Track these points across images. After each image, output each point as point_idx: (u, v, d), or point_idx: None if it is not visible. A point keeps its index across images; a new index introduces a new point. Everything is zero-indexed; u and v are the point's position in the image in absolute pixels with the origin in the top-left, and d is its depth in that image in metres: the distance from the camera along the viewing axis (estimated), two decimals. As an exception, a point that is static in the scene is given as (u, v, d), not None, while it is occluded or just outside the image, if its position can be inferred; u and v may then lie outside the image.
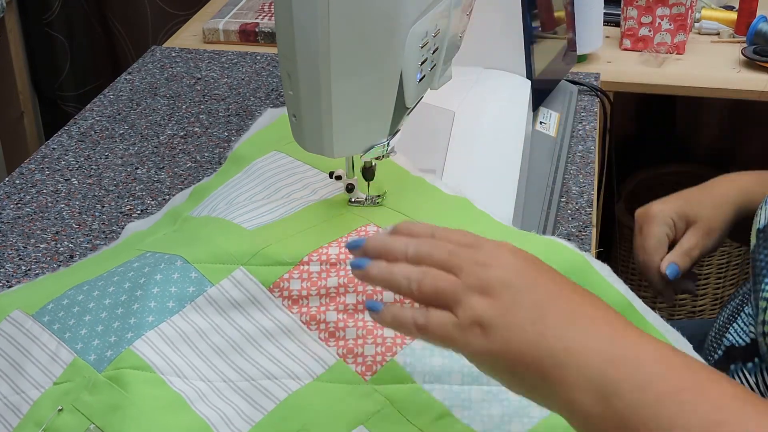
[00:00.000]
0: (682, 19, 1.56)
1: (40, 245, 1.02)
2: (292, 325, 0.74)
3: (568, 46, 1.31)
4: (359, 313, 0.75)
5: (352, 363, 0.73)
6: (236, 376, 0.73)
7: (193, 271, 0.76)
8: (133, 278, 0.77)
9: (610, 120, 1.41)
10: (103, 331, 0.73)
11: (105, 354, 0.72)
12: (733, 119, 2.16)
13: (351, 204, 0.83)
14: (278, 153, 0.92)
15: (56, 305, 0.77)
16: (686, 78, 1.52)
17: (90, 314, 0.75)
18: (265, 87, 1.40)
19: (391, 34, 0.71)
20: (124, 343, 0.72)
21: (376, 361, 0.73)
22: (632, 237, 1.04)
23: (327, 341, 0.74)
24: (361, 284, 0.75)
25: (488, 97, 1.04)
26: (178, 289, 0.75)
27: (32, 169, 1.17)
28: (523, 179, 1.01)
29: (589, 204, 1.09)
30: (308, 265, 0.76)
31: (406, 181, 0.86)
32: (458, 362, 0.73)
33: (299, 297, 0.75)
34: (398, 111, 0.77)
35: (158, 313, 0.74)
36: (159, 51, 1.55)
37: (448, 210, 0.83)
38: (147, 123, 1.29)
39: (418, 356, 0.73)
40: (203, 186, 0.94)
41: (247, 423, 0.70)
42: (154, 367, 0.71)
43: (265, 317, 0.75)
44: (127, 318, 0.74)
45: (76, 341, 0.73)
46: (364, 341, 0.74)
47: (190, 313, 0.74)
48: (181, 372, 0.72)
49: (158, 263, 0.78)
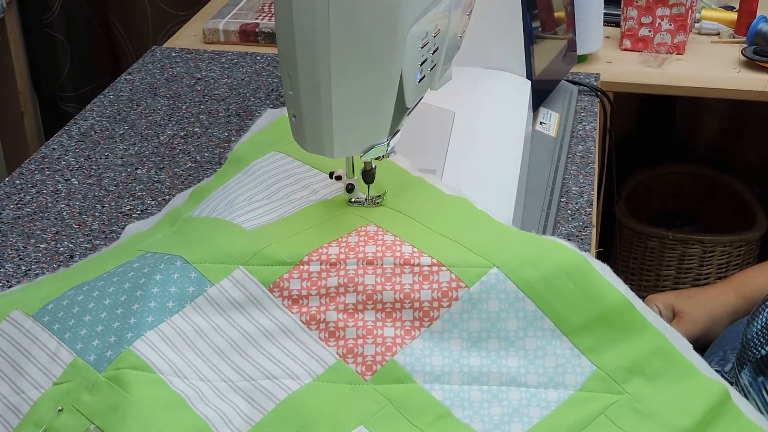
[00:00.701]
0: (682, 19, 1.56)
1: (40, 245, 1.02)
2: (292, 325, 0.74)
3: (568, 47, 1.31)
4: (359, 312, 0.75)
5: (352, 363, 0.73)
6: (236, 376, 0.73)
7: (192, 271, 0.76)
8: (132, 278, 0.77)
9: (610, 120, 1.41)
10: (102, 331, 0.73)
11: (105, 354, 0.72)
12: (733, 119, 2.16)
13: (351, 204, 0.83)
14: (277, 153, 0.92)
15: (56, 305, 0.77)
16: (686, 78, 1.52)
17: (90, 314, 0.75)
18: (265, 87, 1.40)
19: (391, 34, 0.71)
20: (123, 343, 0.72)
21: (376, 360, 0.73)
22: (632, 237, 1.06)
23: (327, 341, 0.74)
24: (362, 284, 0.75)
25: (488, 97, 1.04)
26: (177, 289, 0.75)
27: (32, 169, 1.18)
28: (523, 179, 1.01)
29: (589, 204, 1.09)
30: (308, 265, 0.76)
31: (405, 181, 0.86)
32: (458, 362, 0.73)
33: (299, 297, 0.75)
34: (398, 111, 0.77)
35: (158, 313, 0.74)
36: (159, 51, 1.55)
37: (447, 210, 0.83)
38: (147, 123, 1.29)
39: (417, 356, 0.73)
40: (203, 187, 0.94)
41: (246, 423, 0.70)
42: (154, 367, 0.71)
43: (264, 317, 0.75)
44: (127, 318, 0.74)
45: (76, 341, 0.73)
46: (364, 341, 0.74)
47: (190, 313, 0.74)
48: (181, 372, 0.72)
49: (158, 263, 0.78)
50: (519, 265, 0.75)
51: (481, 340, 0.74)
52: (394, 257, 0.76)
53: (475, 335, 0.74)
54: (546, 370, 0.73)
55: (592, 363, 0.74)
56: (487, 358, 0.74)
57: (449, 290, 0.75)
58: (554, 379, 0.73)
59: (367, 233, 0.79)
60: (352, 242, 0.78)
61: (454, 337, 0.74)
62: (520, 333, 0.74)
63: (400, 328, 0.74)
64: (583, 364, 0.74)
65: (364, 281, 0.75)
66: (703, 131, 2.21)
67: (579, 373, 0.73)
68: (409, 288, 0.75)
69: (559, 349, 0.74)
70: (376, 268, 0.76)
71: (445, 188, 0.85)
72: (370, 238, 0.78)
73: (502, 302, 0.75)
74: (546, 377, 0.73)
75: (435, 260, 0.76)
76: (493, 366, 0.74)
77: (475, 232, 0.80)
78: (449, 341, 0.74)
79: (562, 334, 0.74)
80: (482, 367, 0.73)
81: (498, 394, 0.72)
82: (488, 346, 0.74)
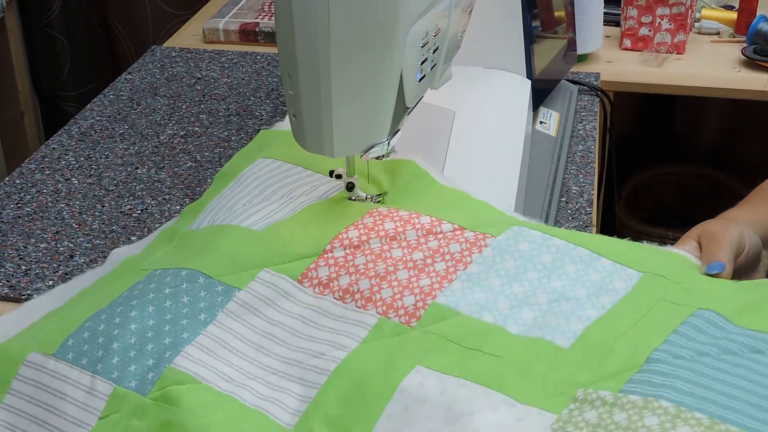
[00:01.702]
0: (682, 18, 1.56)
1: (40, 245, 1.02)
2: (326, 305, 0.73)
3: (568, 46, 1.31)
4: (392, 274, 0.73)
5: (394, 317, 0.71)
6: (284, 366, 0.71)
7: (218, 284, 0.75)
8: (155, 301, 0.75)
9: (610, 120, 1.41)
10: (137, 356, 0.71)
11: (146, 377, 0.70)
12: (733, 119, 2.16)
13: (351, 203, 0.83)
14: (265, 159, 0.92)
15: (77, 340, 0.74)
16: (686, 78, 1.52)
17: (117, 342, 0.72)
18: (265, 87, 1.40)
19: (391, 33, 0.71)
20: (164, 363, 0.70)
21: (418, 307, 0.71)
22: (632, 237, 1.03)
23: (365, 306, 0.72)
24: (390, 253, 0.74)
25: (488, 97, 1.04)
26: (206, 303, 0.74)
27: (32, 169, 1.17)
28: (523, 179, 1.01)
29: (589, 204, 1.09)
30: (332, 252, 0.76)
31: (407, 178, 0.86)
32: (502, 293, 0.72)
33: (329, 280, 0.74)
34: (398, 111, 0.77)
35: (192, 327, 0.72)
36: (159, 51, 1.55)
37: (449, 198, 0.83)
38: (147, 123, 1.29)
39: (458, 294, 0.72)
40: (193, 205, 0.94)
41: (302, 402, 0.68)
42: (199, 378, 0.69)
43: (297, 306, 0.74)
44: (161, 339, 0.72)
45: (110, 371, 0.71)
46: (401, 295, 0.72)
47: (224, 319, 0.73)
48: (228, 376, 0.70)
49: (178, 282, 0.76)
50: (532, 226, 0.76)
51: (519, 274, 0.73)
52: (416, 229, 0.76)
53: (513, 272, 0.73)
54: (592, 283, 0.72)
55: (638, 270, 0.72)
56: (529, 286, 0.72)
57: (476, 241, 0.75)
58: (604, 287, 0.71)
59: (380, 213, 0.78)
60: (369, 223, 0.77)
61: (491, 276, 0.73)
62: (557, 263, 0.73)
63: (436, 276, 0.73)
64: (629, 273, 0.72)
65: (391, 255, 0.75)
66: (703, 131, 2.21)
67: (627, 279, 0.72)
68: (437, 246, 0.74)
69: (600, 267, 0.73)
70: (401, 242, 0.75)
71: (444, 181, 0.86)
72: (386, 216, 0.78)
73: (531, 243, 0.75)
74: (594, 287, 0.71)
75: (456, 225, 0.76)
76: (538, 289, 0.72)
77: (483, 208, 0.81)
78: (487, 280, 0.73)
79: (599, 256, 0.74)
80: (527, 292, 0.72)
81: (549, 309, 0.70)
82: (528, 277, 0.73)
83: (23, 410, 0.72)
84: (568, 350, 0.66)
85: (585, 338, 0.67)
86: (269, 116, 1.31)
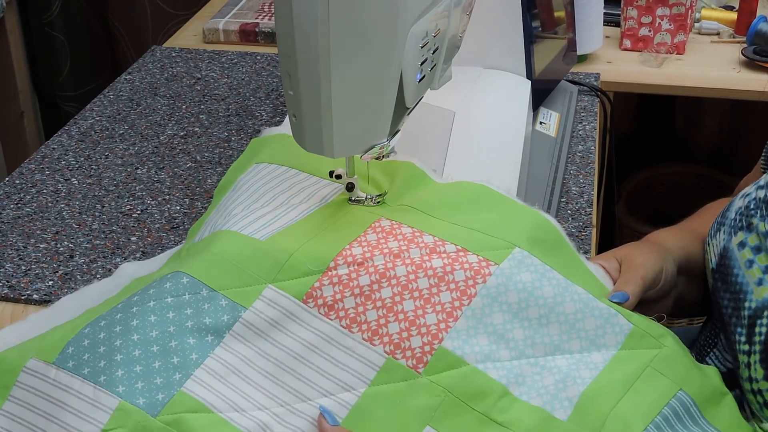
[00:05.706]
0: (682, 19, 1.56)
1: (40, 245, 1.02)
2: (333, 333, 0.74)
3: (568, 46, 1.31)
4: (398, 305, 0.74)
5: (401, 358, 0.72)
6: (292, 398, 0.72)
7: (222, 298, 0.75)
8: (157, 310, 0.74)
9: (610, 120, 1.41)
10: (143, 371, 0.71)
11: (156, 397, 0.69)
12: (733, 119, 2.16)
13: (351, 203, 0.83)
14: (258, 164, 0.92)
15: (77, 348, 0.73)
16: (686, 78, 1.52)
17: (120, 353, 0.71)
18: (265, 87, 1.40)
19: (391, 34, 0.71)
20: (174, 385, 0.70)
21: (425, 351, 0.72)
22: (632, 237, 1.04)
23: (371, 341, 0.73)
24: (394, 276, 0.75)
25: (488, 97, 1.04)
26: (212, 320, 0.73)
27: (32, 169, 1.17)
28: (523, 179, 1.01)
29: (589, 204, 1.09)
30: (336, 270, 0.75)
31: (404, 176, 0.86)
32: (503, 338, 0.74)
33: (334, 301, 0.74)
34: (398, 111, 0.77)
35: (200, 349, 0.72)
36: (159, 51, 1.55)
37: (447, 195, 0.83)
38: (147, 123, 1.29)
39: (464, 338, 0.73)
40: (196, 224, 0.94)
41: None
42: (211, 406, 0.69)
43: (304, 329, 0.74)
44: (168, 357, 0.71)
45: (115, 384, 0.70)
46: (408, 333, 0.73)
47: (231, 342, 0.73)
48: (238, 405, 0.71)
49: (180, 293, 0.75)
50: (531, 245, 0.77)
51: (521, 310, 0.75)
52: (419, 248, 0.76)
53: (515, 306, 0.75)
54: (587, 333, 0.75)
55: (628, 321, 0.75)
56: (529, 329, 0.74)
57: (480, 268, 0.75)
58: (596, 342, 0.75)
59: (383, 229, 0.78)
60: (372, 240, 0.77)
61: (495, 312, 0.74)
62: (558, 299, 0.75)
63: (441, 312, 0.74)
64: (621, 322, 0.75)
65: (395, 273, 0.75)
66: (703, 131, 2.21)
67: (618, 332, 0.75)
68: (442, 271, 0.75)
69: (596, 311, 0.75)
70: (404, 260, 0.76)
71: (441, 180, 0.86)
72: (389, 234, 0.78)
73: (533, 273, 0.76)
74: (588, 341, 0.75)
75: (459, 246, 0.76)
76: (536, 337, 0.74)
77: (483, 213, 0.81)
78: (491, 316, 0.74)
79: (594, 298, 0.76)
80: (526, 340, 0.74)
81: (546, 364, 0.73)
82: (529, 315, 0.75)
83: (23, 418, 0.72)
84: (566, 422, 0.71)
85: (580, 409, 0.72)
86: (269, 116, 1.31)
